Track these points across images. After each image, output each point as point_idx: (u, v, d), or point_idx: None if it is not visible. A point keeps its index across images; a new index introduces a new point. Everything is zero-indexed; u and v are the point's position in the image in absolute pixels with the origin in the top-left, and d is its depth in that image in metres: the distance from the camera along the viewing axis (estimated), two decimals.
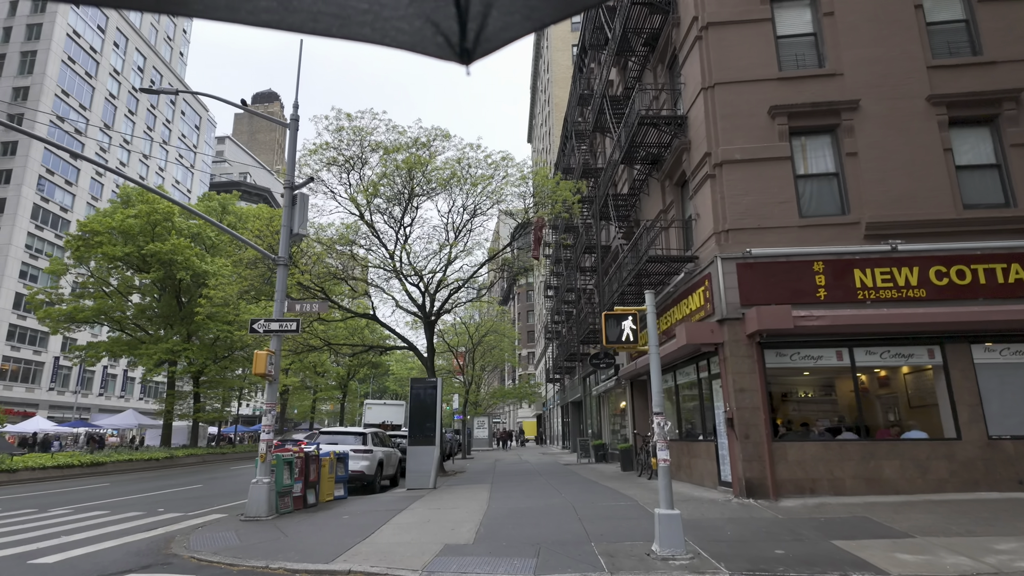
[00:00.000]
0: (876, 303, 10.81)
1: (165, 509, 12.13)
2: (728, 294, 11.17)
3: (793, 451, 10.60)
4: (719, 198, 11.77)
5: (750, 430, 10.63)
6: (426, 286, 20.55)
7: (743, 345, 10.96)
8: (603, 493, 12.34)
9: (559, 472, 18.75)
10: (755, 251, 11.16)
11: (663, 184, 15.01)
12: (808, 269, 11.12)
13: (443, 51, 1.17)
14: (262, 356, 10.19)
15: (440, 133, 19.16)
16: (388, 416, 34.60)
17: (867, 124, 11.65)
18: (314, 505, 11.78)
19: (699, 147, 12.52)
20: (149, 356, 30.19)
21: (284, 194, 11.35)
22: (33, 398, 49.79)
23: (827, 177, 11.87)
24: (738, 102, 12.10)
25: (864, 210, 11.29)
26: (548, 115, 51.65)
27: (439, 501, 11.90)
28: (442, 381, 17.22)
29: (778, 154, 11.74)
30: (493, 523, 9.03)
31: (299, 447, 11.76)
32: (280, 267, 11.06)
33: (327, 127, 18.66)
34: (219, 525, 9.73)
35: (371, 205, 19.26)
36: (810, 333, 10.85)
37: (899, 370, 11.45)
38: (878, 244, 11.12)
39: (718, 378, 11.61)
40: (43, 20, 53.56)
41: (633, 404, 18.40)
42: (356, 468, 14.61)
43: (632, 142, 14.43)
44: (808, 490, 10.41)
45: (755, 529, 8.12)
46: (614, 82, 20.64)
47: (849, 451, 10.50)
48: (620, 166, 18.53)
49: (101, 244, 30.02)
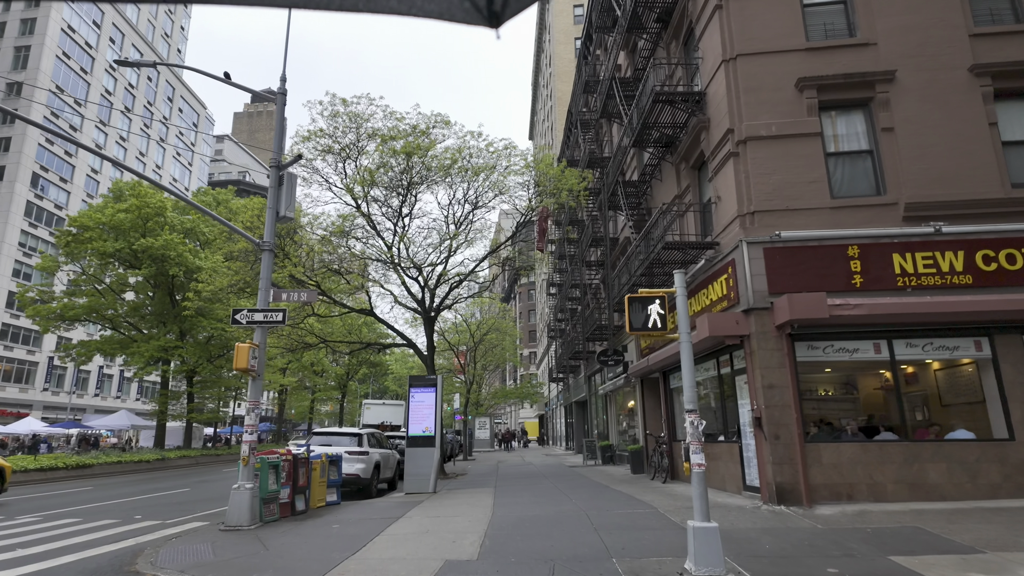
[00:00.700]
0: (918, 291, 9.86)
1: (143, 516, 11.20)
2: (755, 281, 10.22)
3: (828, 453, 9.64)
4: (743, 178, 10.83)
5: (780, 430, 9.68)
6: (425, 280, 19.64)
7: (772, 337, 10.01)
8: (617, 499, 11.39)
9: (565, 475, 17.81)
10: (785, 234, 10.22)
11: (678, 168, 14.07)
12: (842, 254, 10.17)
13: (471, 16, 1.22)
14: (243, 349, 9.26)
15: (440, 119, 18.24)
16: (387, 416, 33.68)
17: (904, 97, 10.71)
18: (303, 512, 10.84)
19: (720, 124, 11.58)
20: (141, 354, 29.28)
21: (270, 173, 10.42)
22: (27, 399, 48.90)
23: (860, 155, 10.92)
24: (763, 74, 11.16)
25: (902, 190, 10.34)
26: (550, 110, 50.74)
27: (439, 508, 10.96)
28: (442, 379, 16.27)
29: (807, 130, 10.80)
30: (499, 534, 8.08)
31: (286, 450, 10.83)
32: (265, 252, 10.13)
33: (321, 112, 17.76)
34: (195, 536, 8.80)
35: (368, 196, 18.34)
36: (845, 324, 9.91)
37: (940, 364, 10.48)
38: (918, 226, 10.17)
39: (743, 373, 10.66)
40: (37, 15, 52.73)
41: (644, 403, 17.45)
42: (351, 471, 13.69)
43: (645, 123, 13.49)
44: (845, 496, 9.46)
45: (796, 542, 7.17)
46: (622, 66, 19.71)
47: (890, 453, 9.54)
48: (630, 152, 17.61)
49: (91, 240, 29.13)
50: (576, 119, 26.76)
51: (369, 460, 14.20)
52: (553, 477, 17.07)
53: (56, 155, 52.70)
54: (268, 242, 10.17)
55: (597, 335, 22.70)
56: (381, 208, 18.85)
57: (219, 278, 18.69)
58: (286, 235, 18.78)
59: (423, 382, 14.84)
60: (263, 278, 9.97)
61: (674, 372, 14.94)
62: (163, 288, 31.60)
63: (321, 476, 11.86)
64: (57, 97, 51.99)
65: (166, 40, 72.73)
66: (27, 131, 49.09)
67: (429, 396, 14.58)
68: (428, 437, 14.22)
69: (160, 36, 71.41)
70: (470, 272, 20.62)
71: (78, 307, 30.06)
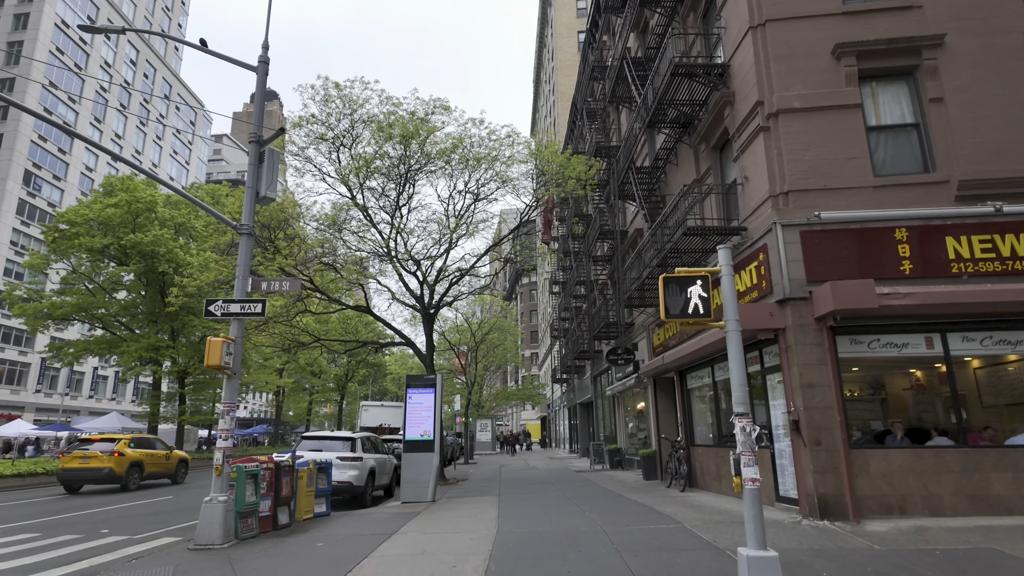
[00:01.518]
0: (975, 277, 8.78)
1: (110, 530, 10.11)
2: (791, 268, 9.15)
3: (876, 460, 8.56)
4: (775, 154, 9.75)
5: (821, 435, 8.60)
6: (424, 276, 18.59)
7: (811, 330, 8.93)
8: (634, 511, 10.30)
9: (573, 481, 16.72)
10: (825, 215, 9.14)
11: (696, 149, 13.00)
12: (888, 237, 9.10)
13: None
14: (216, 344, 8.18)
15: (440, 105, 17.20)
16: (386, 418, 32.65)
17: (954, 64, 9.64)
18: (287, 526, 9.76)
19: (747, 98, 10.51)
20: (130, 354, 28.19)
21: (249, 150, 9.36)
22: (18, 400, 47.85)
23: (905, 129, 9.84)
24: (795, 41, 10.10)
25: (954, 166, 9.27)
26: (553, 105, 49.72)
27: (438, 521, 9.88)
28: (442, 379, 15.18)
29: (846, 101, 9.73)
30: (506, 556, 7.00)
31: (268, 457, 9.75)
32: (243, 236, 9.06)
33: (312, 97, 16.73)
34: (160, 556, 7.72)
35: (363, 186, 17.29)
36: (893, 316, 8.83)
37: (1001, 360, 9.37)
38: (974, 206, 9.09)
39: (776, 372, 9.58)
40: (31, 9, 51.80)
41: (657, 405, 16.35)
42: (343, 479, 12.62)
43: (661, 100, 12.42)
44: (896, 509, 8.37)
45: (857, 568, 6.08)
46: (632, 49, 18.65)
47: (946, 461, 8.46)
48: (641, 138, 16.53)
49: (79, 236, 28.07)
50: (581, 109, 25.72)
51: (363, 466, 13.12)
52: (560, 484, 15.99)
53: (49, 152, 51.72)
54: (246, 224, 9.10)
55: (604, 333, 21.60)
56: (378, 200, 17.81)
57: (205, 273, 17.61)
58: (277, 227, 17.75)
59: (421, 382, 13.78)
60: (240, 265, 8.91)
61: (692, 371, 13.86)
62: (154, 286, 30.52)
63: (308, 485, 10.78)
64: (51, 94, 51.02)
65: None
66: (19, 128, 48.11)
67: (428, 397, 13.52)
68: (427, 441, 13.15)
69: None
70: (471, 267, 19.56)
71: (66, 305, 28.98)
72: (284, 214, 17.83)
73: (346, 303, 20.00)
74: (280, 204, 18.34)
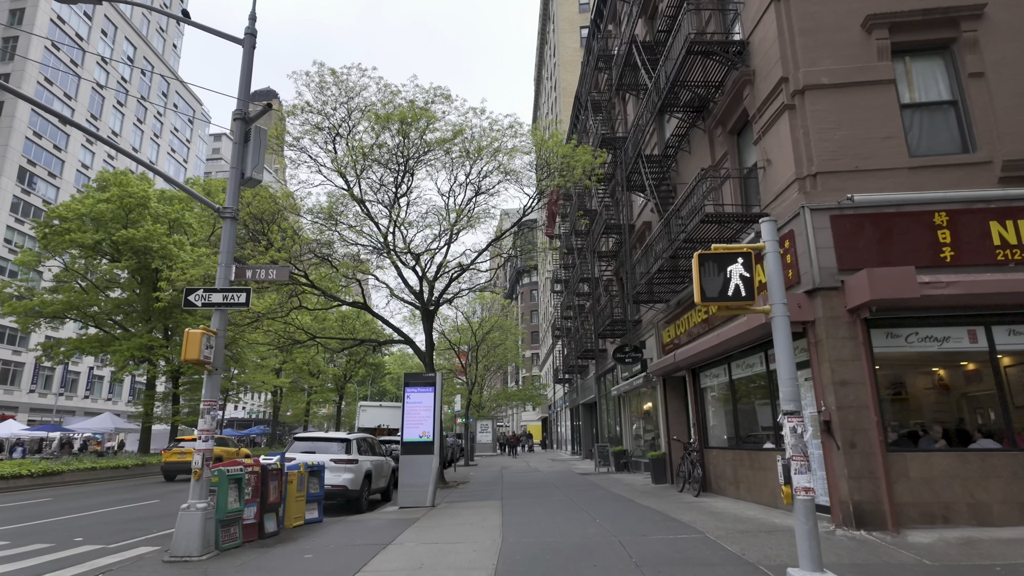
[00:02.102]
0: (1023, 265, 8.07)
1: (85, 538, 9.39)
2: (821, 256, 8.43)
3: (916, 465, 7.83)
4: (802, 134, 9.04)
5: (856, 436, 7.88)
6: (423, 271, 17.89)
7: (843, 323, 8.21)
8: (648, 517, 9.57)
9: (578, 484, 15.99)
10: (859, 197, 8.42)
11: (712, 134, 12.29)
12: (927, 221, 8.38)
13: None
14: (195, 336, 7.46)
15: (440, 93, 16.49)
16: (384, 419, 31.87)
17: (995, 36, 8.93)
18: (274, 534, 9.04)
19: (769, 75, 9.80)
20: (121, 353, 27.45)
21: (234, 128, 8.65)
22: (12, 400, 47.10)
23: (942, 106, 9.13)
24: (822, 13, 9.39)
25: (998, 146, 8.56)
26: (555, 101, 49.03)
27: (437, 529, 9.15)
28: (442, 377, 14.46)
29: (878, 76, 9.02)
30: (514, 572, 6.27)
31: (254, 460, 9.03)
32: (226, 219, 8.35)
33: (307, 84, 16.03)
34: (131, 569, 7.00)
35: (360, 177, 16.59)
36: (934, 307, 8.12)
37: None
38: (1020, 188, 8.38)
39: (804, 368, 8.84)
40: (26, 5, 51.13)
41: (667, 405, 15.63)
42: (337, 482, 11.90)
43: (674, 82, 11.71)
44: (940, 518, 7.65)
45: None
46: (639, 36, 17.94)
47: (994, 465, 7.73)
48: (650, 127, 15.82)
49: (70, 231, 27.35)
50: (585, 101, 25.02)
51: (358, 469, 12.39)
52: (565, 487, 15.26)
53: (44, 149, 51.02)
54: (230, 208, 8.38)
55: (610, 331, 20.88)
56: (376, 192, 17.11)
57: (195, 268, 16.91)
58: (271, 220, 17.05)
59: (420, 381, 13.06)
60: (223, 251, 8.19)
61: (705, 369, 13.14)
62: (147, 283, 29.79)
63: (299, 490, 10.06)
64: (46, 90, 50.34)
65: (161, 35, 71.15)
66: (13, 124, 47.43)
67: (427, 396, 12.80)
68: (426, 443, 12.43)
69: (155, 30, 69.84)
70: (471, 262, 18.85)
71: (57, 303, 28.26)
72: (277, 206, 17.14)
73: (340, 298, 19.28)
74: (273, 195, 17.65)
